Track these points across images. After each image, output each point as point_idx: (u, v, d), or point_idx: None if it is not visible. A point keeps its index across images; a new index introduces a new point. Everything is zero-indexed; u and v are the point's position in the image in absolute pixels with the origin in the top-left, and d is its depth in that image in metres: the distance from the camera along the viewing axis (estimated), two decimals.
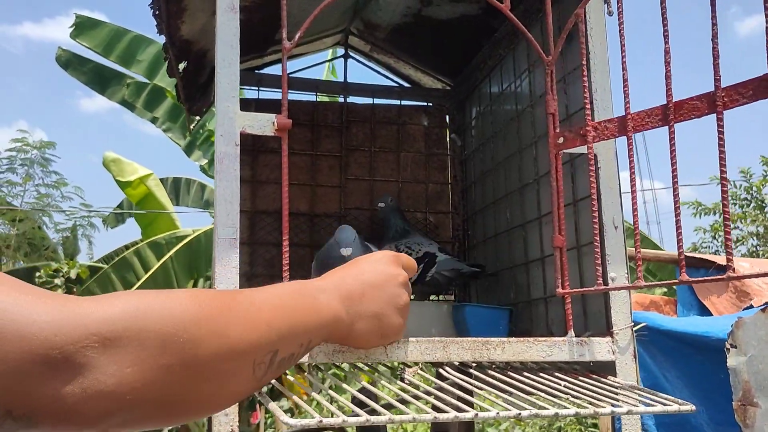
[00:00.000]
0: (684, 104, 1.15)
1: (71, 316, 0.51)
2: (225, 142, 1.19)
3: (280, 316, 0.65)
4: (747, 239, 13.15)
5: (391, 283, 0.81)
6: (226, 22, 1.23)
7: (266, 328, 0.63)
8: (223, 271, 1.14)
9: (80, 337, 0.51)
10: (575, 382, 1.20)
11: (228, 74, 1.21)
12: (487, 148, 1.95)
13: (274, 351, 0.63)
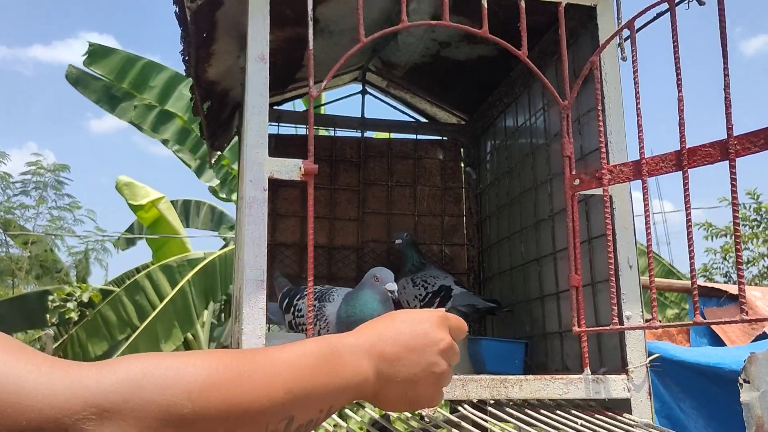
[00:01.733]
0: (698, 151, 1.19)
1: (68, 386, 0.49)
2: (254, 187, 1.23)
3: (300, 380, 0.61)
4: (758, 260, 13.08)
5: (431, 349, 0.73)
6: (256, 72, 1.28)
7: (282, 394, 0.59)
8: (251, 312, 1.18)
9: (77, 410, 0.49)
10: (591, 420, 1.23)
11: (257, 122, 1.26)
12: (502, 183, 1.99)
13: (289, 418, 0.60)
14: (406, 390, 0.71)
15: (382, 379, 0.69)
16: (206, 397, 0.53)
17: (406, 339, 0.71)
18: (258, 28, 1.29)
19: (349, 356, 0.66)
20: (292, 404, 0.59)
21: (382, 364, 0.69)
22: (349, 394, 0.66)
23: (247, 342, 1.17)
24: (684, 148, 1.20)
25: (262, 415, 0.57)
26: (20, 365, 0.48)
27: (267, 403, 0.57)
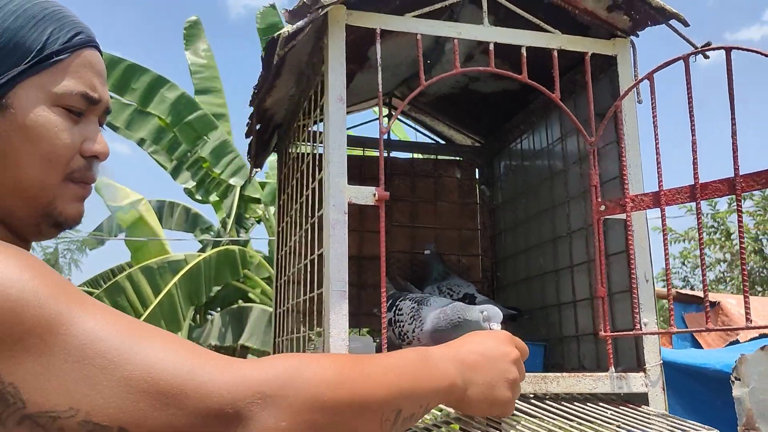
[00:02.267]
0: (709, 186, 1.44)
1: (238, 377, 0.61)
2: (336, 211, 1.44)
3: (405, 379, 0.73)
4: (714, 266, 13.65)
5: (504, 359, 0.87)
6: (336, 111, 1.48)
7: (394, 389, 0.71)
8: (336, 318, 1.39)
9: (247, 395, 0.61)
10: (618, 411, 1.47)
11: (338, 155, 1.47)
12: (519, 202, 2.23)
13: (398, 410, 0.72)
14: (485, 392, 0.84)
15: (466, 382, 0.82)
16: (339, 390, 0.65)
17: (483, 350, 0.86)
18: (337, 75, 1.50)
19: (440, 362, 0.80)
20: (401, 399, 0.72)
21: (465, 370, 0.82)
22: (442, 394, 0.79)
23: (333, 343, 1.37)
24: (697, 183, 1.44)
25: (378, 406, 0.69)
26: (197, 361, 0.61)
27: (382, 396, 0.70)
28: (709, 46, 1.56)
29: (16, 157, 0.72)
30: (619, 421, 1.39)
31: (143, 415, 0.57)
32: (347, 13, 1.53)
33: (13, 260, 0.60)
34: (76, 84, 0.76)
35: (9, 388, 0.56)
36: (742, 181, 1.39)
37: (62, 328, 0.58)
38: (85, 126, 0.78)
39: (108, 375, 0.57)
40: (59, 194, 0.76)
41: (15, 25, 0.71)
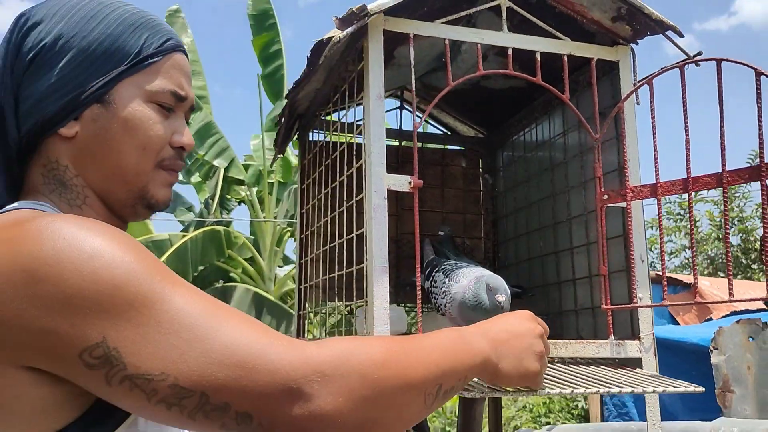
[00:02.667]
0: (700, 179, 1.66)
1: (302, 357, 0.68)
2: (378, 197, 1.64)
3: (444, 357, 0.80)
4: (680, 252, 14.09)
5: (530, 333, 0.96)
6: (375, 108, 1.68)
7: (434, 367, 0.78)
8: (378, 290, 1.59)
9: (310, 373, 0.67)
10: (617, 372, 1.70)
11: (378, 147, 1.66)
12: (520, 189, 2.44)
13: (439, 384, 0.78)
14: (516, 365, 0.92)
15: (498, 357, 0.90)
16: (387, 368, 0.72)
17: (510, 328, 0.95)
18: (376, 75, 1.69)
19: (474, 341, 0.88)
20: (441, 375, 0.79)
21: (497, 346, 0.90)
22: (477, 368, 0.87)
23: (377, 312, 1.57)
24: (689, 177, 1.67)
25: (421, 383, 0.76)
26: (268, 340, 0.69)
27: (425, 374, 0.76)
28: (701, 55, 1.78)
29: (117, 145, 0.84)
30: (618, 380, 1.62)
31: (221, 384, 0.65)
32: (384, 19, 1.71)
33: (118, 242, 0.70)
34: (167, 83, 0.87)
35: (113, 351, 0.65)
36: (728, 176, 1.62)
37: (157, 305, 0.67)
38: (174, 120, 0.89)
39: (193, 347, 0.65)
40: (152, 179, 0.88)
41: (117, 31, 0.83)
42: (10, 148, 0.82)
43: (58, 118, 0.82)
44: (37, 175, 0.84)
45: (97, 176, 0.85)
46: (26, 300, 0.64)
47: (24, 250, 0.66)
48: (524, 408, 7.45)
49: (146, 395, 0.65)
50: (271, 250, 9.30)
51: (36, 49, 0.80)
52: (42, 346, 0.64)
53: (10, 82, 0.82)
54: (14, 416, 0.66)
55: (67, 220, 0.71)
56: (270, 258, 9.32)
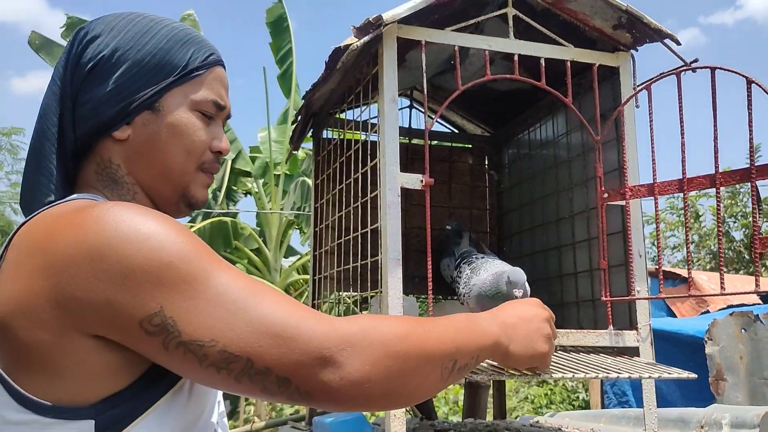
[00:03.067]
0: (694, 180, 1.77)
1: (333, 328, 0.75)
2: (392, 194, 1.75)
3: (459, 336, 0.86)
4: (682, 246, 14.19)
5: (537, 318, 1.01)
6: (389, 111, 1.78)
7: (450, 344, 0.84)
8: (392, 281, 1.70)
9: (340, 343, 0.74)
10: (615, 360, 1.81)
11: (392, 147, 1.77)
12: (524, 186, 2.55)
13: (454, 360, 0.85)
14: (526, 347, 0.98)
15: (508, 339, 0.96)
16: (407, 343, 0.79)
17: (520, 313, 1.00)
18: (390, 80, 1.80)
19: (486, 324, 0.94)
20: (456, 352, 0.85)
21: (507, 330, 0.96)
22: (488, 349, 0.93)
23: (391, 301, 1.69)
24: (685, 178, 1.77)
25: (438, 357, 0.83)
26: (303, 314, 0.76)
27: (442, 349, 0.83)
28: (697, 62, 1.89)
29: (164, 148, 0.92)
30: (616, 367, 1.73)
31: (263, 351, 0.72)
32: (398, 26, 1.82)
33: (170, 226, 0.76)
34: (209, 94, 0.95)
35: (169, 320, 0.72)
36: (721, 177, 1.73)
37: (206, 280, 0.74)
38: (214, 127, 0.98)
39: (238, 317, 0.73)
40: (193, 180, 0.96)
41: (167, 46, 0.92)
42: (66, 146, 0.91)
43: (112, 122, 0.90)
44: (90, 172, 0.92)
45: (146, 175, 0.93)
46: (92, 275, 0.71)
47: (89, 232, 0.73)
48: (526, 399, 7.58)
49: (198, 359, 0.72)
50: (276, 241, 9.42)
51: (95, 60, 0.89)
52: (106, 316, 0.72)
53: (69, 88, 0.91)
54: (80, 378, 0.74)
55: (126, 206, 0.78)
56: (275, 249, 9.45)
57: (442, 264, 2.51)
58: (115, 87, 0.89)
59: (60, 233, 0.74)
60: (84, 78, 0.90)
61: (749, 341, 2.19)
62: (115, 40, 0.90)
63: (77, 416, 0.74)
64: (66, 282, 0.72)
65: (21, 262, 0.75)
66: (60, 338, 0.73)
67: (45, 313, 0.72)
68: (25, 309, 0.72)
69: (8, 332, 0.73)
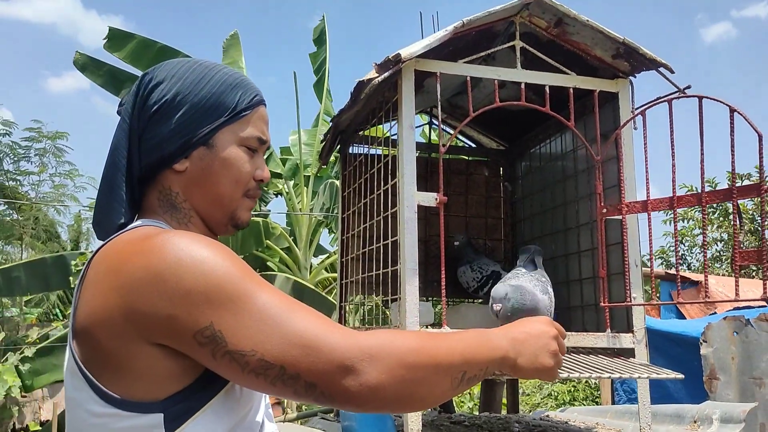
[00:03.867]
0: (683, 198, 1.95)
1: (354, 341, 0.84)
2: (409, 211, 1.96)
3: (469, 350, 0.93)
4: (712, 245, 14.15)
5: (546, 335, 1.03)
6: (407, 136, 2.00)
7: (459, 357, 0.91)
8: (410, 288, 1.92)
9: (360, 354, 0.84)
10: (612, 361, 2.00)
11: (410, 168, 1.98)
12: (536, 198, 2.75)
13: (464, 371, 0.92)
14: (532, 361, 1.01)
15: (516, 354, 1.00)
16: (420, 354, 0.88)
17: (529, 330, 1.04)
18: (408, 108, 2.01)
19: (495, 339, 0.99)
20: (465, 363, 0.92)
21: (515, 344, 1.00)
22: (497, 362, 0.98)
23: (408, 307, 1.90)
24: (674, 196, 1.96)
25: (449, 368, 0.90)
26: (329, 329, 0.85)
27: (452, 361, 0.90)
28: (689, 88, 2.07)
29: (217, 178, 1.06)
30: (611, 367, 1.93)
31: (294, 360, 0.83)
32: (415, 60, 2.03)
33: (220, 252, 0.87)
34: (254, 131, 1.09)
35: (218, 333, 0.83)
36: (707, 196, 1.91)
37: (248, 299, 0.85)
38: (257, 159, 1.11)
39: (275, 331, 0.84)
40: (239, 205, 1.10)
41: (219, 90, 1.07)
42: (133, 175, 1.07)
43: (173, 156, 1.03)
44: (154, 199, 1.07)
45: (200, 201, 1.07)
46: (156, 295, 0.84)
47: (153, 258, 0.86)
48: (549, 395, 7.73)
49: (240, 366, 0.84)
50: (306, 240, 9.70)
51: (159, 102, 1.04)
52: (167, 328, 0.84)
53: (137, 126, 1.06)
54: (148, 378, 0.89)
55: (183, 235, 0.90)
56: (305, 248, 9.72)
57: (459, 271, 2.72)
58: (176, 126, 1.04)
59: (130, 258, 0.90)
60: (149, 118, 1.05)
61: (740, 343, 2.35)
62: (176, 85, 1.05)
63: (149, 410, 0.88)
64: (135, 299, 0.85)
65: (99, 281, 0.91)
66: (131, 346, 0.86)
67: (118, 326, 0.86)
68: (103, 321, 0.88)
69: (91, 340, 0.90)
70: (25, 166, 12.17)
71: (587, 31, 2.15)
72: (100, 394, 0.88)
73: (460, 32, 2.07)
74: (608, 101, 2.27)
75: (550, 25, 2.18)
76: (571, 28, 2.17)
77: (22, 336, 9.41)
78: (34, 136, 12.24)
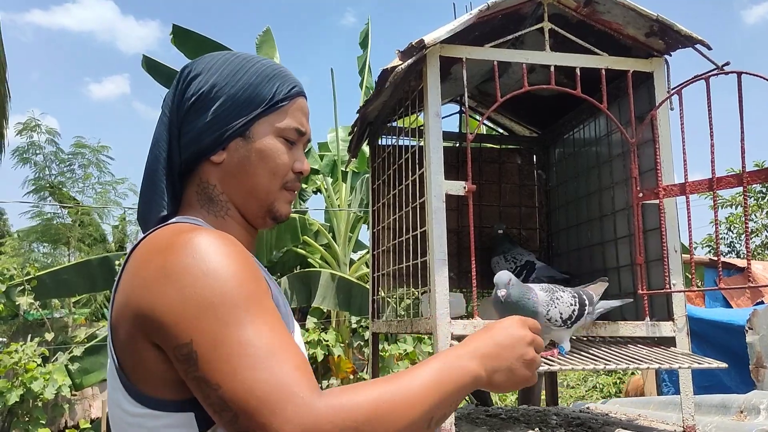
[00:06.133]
0: (723, 179, 1.87)
1: (311, 414, 0.77)
2: (437, 200, 1.92)
3: (432, 392, 0.86)
4: (761, 231, 13.75)
5: (520, 343, 0.96)
6: (433, 125, 1.95)
7: (423, 405, 0.84)
8: (439, 279, 1.88)
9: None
10: (652, 350, 1.93)
11: (437, 157, 1.94)
12: (570, 185, 2.67)
13: (429, 419, 0.86)
14: (508, 375, 0.95)
15: (489, 371, 0.93)
16: (378, 422, 0.80)
17: (499, 340, 0.96)
18: (434, 96, 1.97)
19: (462, 362, 0.92)
20: (430, 410, 0.86)
21: (486, 362, 0.93)
22: (468, 387, 0.91)
23: (438, 298, 1.86)
24: (714, 177, 1.88)
25: (411, 423, 0.83)
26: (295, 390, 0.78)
27: (412, 415, 0.83)
28: (728, 65, 1.98)
29: (254, 170, 1.02)
30: (650, 357, 1.86)
31: (250, 412, 0.77)
32: (440, 46, 1.98)
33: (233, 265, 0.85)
34: (292, 122, 1.06)
35: (194, 354, 0.80)
36: (748, 176, 1.83)
37: (235, 328, 0.81)
38: (296, 151, 1.06)
39: (243, 373, 0.78)
40: (277, 198, 1.05)
41: (256, 81, 1.05)
42: (174, 168, 1.06)
43: (210, 148, 1.02)
44: (192, 192, 1.06)
45: (237, 194, 1.05)
46: (158, 295, 0.83)
47: (168, 258, 0.86)
48: (594, 388, 7.60)
49: (203, 395, 0.81)
50: (345, 236, 9.70)
51: (197, 95, 1.03)
52: (158, 331, 0.83)
53: (176, 119, 1.05)
54: (170, 379, 0.86)
55: (205, 237, 0.88)
56: (344, 244, 9.73)
57: (492, 261, 2.67)
58: (213, 118, 1.03)
59: (151, 257, 0.89)
60: (187, 110, 1.04)
61: None
62: (213, 77, 1.04)
63: (178, 409, 0.86)
64: (143, 298, 0.85)
65: (126, 281, 0.91)
66: (144, 346, 0.85)
67: (132, 323, 0.86)
68: (124, 318, 0.88)
69: (119, 338, 0.89)
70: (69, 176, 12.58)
71: (618, 10, 2.07)
72: (132, 394, 0.88)
73: (486, 16, 2.01)
74: (643, 82, 2.20)
75: (579, 5, 2.11)
76: (602, 7, 2.09)
77: (71, 336, 9.64)
78: (78, 151, 12.65)
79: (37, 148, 12.52)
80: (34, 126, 12.56)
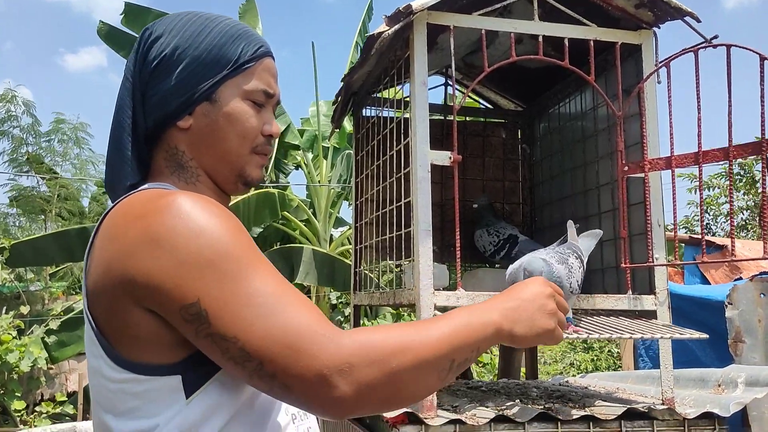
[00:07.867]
0: (708, 153, 1.87)
1: (336, 349, 0.80)
2: (422, 170, 1.90)
3: (456, 335, 0.89)
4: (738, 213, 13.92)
5: (540, 296, 0.99)
6: (420, 93, 1.92)
7: (446, 345, 0.87)
8: (423, 250, 1.86)
9: (339, 363, 0.80)
10: (634, 322, 1.94)
11: (422, 126, 1.91)
12: (555, 159, 2.66)
13: (452, 360, 0.88)
14: (530, 326, 0.97)
15: (511, 323, 0.95)
16: (403, 355, 0.84)
17: (520, 294, 0.99)
18: (420, 64, 1.93)
19: (485, 313, 0.94)
20: (452, 351, 0.88)
21: (508, 314, 0.95)
22: (490, 338, 0.93)
23: (422, 270, 1.85)
24: (700, 151, 1.87)
25: (435, 362, 0.86)
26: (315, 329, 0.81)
27: (436, 353, 0.86)
28: (717, 38, 1.97)
29: (222, 134, 1.01)
30: (633, 328, 1.87)
31: (273, 358, 0.79)
32: (427, 13, 1.95)
33: (222, 223, 0.85)
34: (259, 83, 1.04)
35: (203, 312, 0.80)
36: (734, 150, 1.82)
37: (241, 281, 0.82)
38: (264, 113, 1.04)
39: (260, 321, 0.80)
40: (248, 162, 1.06)
41: (221, 42, 1.02)
42: (139, 135, 1.03)
43: (176, 113, 1.00)
44: (160, 159, 1.04)
45: (207, 159, 1.04)
46: (149, 261, 0.82)
47: (152, 222, 0.84)
48: (571, 365, 7.69)
49: (221, 351, 0.81)
50: (325, 212, 9.67)
51: (159, 58, 1.01)
52: (156, 298, 0.82)
53: (139, 84, 1.03)
54: (156, 344, 0.86)
55: (189, 198, 0.87)
56: (324, 220, 9.70)
57: (475, 234, 2.66)
58: (177, 81, 1.00)
59: (130, 223, 0.88)
60: (150, 74, 1.02)
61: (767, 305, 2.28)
62: (175, 39, 1.02)
63: (165, 372, 0.86)
64: (130, 265, 0.83)
65: (103, 247, 0.89)
66: (131, 311, 0.85)
67: (117, 290, 0.85)
68: (105, 287, 0.87)
69: (99, 306, 0.88)
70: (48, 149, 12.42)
71: None
72: (115, 360, 0.87)
73: None
74: (630, 54, 2.18)
75: None
76: None
77: (47, 309, 9.54)
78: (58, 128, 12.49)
79: (14, 119, 12.33)
80: (11, 97, 12.33)
